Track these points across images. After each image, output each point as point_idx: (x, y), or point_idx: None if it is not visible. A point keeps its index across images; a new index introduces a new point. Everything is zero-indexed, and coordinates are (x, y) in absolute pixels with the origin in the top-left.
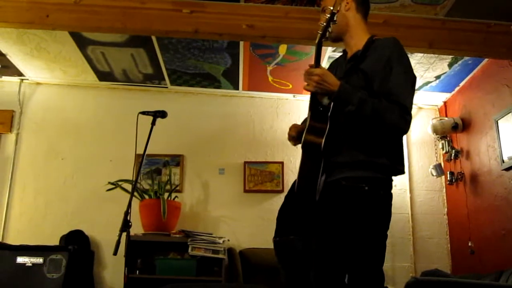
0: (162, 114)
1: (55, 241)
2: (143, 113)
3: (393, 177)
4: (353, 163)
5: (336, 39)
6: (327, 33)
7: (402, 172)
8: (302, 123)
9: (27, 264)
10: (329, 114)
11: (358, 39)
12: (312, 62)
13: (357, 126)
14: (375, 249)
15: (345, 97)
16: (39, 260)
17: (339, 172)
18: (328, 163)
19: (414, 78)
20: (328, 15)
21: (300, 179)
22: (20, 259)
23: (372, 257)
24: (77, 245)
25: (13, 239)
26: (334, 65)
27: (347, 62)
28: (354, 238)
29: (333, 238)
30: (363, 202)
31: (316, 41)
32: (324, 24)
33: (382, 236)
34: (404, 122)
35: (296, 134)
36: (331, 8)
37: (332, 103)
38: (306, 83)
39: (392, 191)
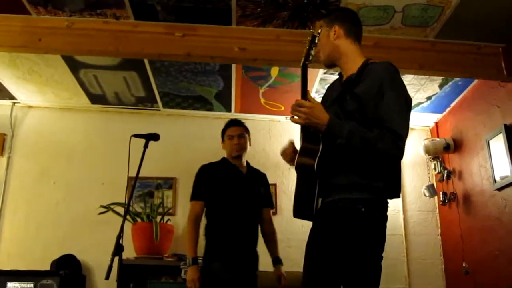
0: (155, 137)
1: (46, 266)
2: (136, 136)
3: (388, 200)
4: (350, 185)
5: (331, 66)
6: (311, 56)
7: (398, 195)
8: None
9: None
10: (321, 135)
11: (352, 63)
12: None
13: (351, 153)
14: (371, 270)
15: (334, 132)
16: (30, 285)
17: (335, 194)
18: (324, 185)
19: (408, 101)
20: (309, 38)
21: (296, 201)
22: (10, 284)
23: (368, 278)
24: (68, 269)
25: (3, 264)
26: (330, 90)
27: (342, 84)
28: (351, 259)
29: (329, 259)
30: (360, 223)
31: (301, 63)
32: (306, 47)
33: (378, 258)
34: (397, 149)
35: (293, 155)
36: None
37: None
38: (294, 116)
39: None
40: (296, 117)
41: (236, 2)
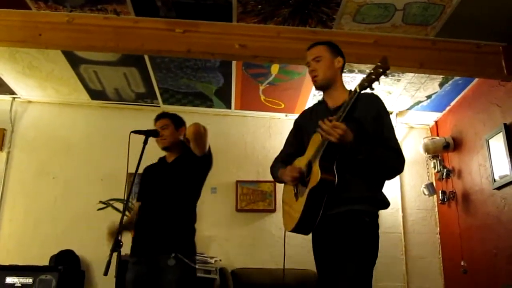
0: (154, 133)
1: (45, 261)
2: (135, 132)
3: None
4: (358, 198)
5: (322, 88)
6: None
7: (389, 205)
8: (282, 160)
9: (16, 285)
10: (337, 155)
11: (341, 91)
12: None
13: (364, 168)
14: (369, 275)
15: (358, 149)
16: (29, 280)
17: (342, 206)
18: (333, 198)
19: None
20: (381, 70)
21: (303, 217)
22: (9, 279)
23: (364, 280)
24: (67, 265)
25: (2, 259)
26: (309, 113)
27: (332, 111)
28: (356, 263)
29: (338, 264)
30: (366, 232)
31: (359, 90)
32: (374, 77)
33: (374, 263)
34: (401, 165)
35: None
36: (379, 63)
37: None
38: (327, 134)
39: (385, 211)
40: (331, 136)
41: None
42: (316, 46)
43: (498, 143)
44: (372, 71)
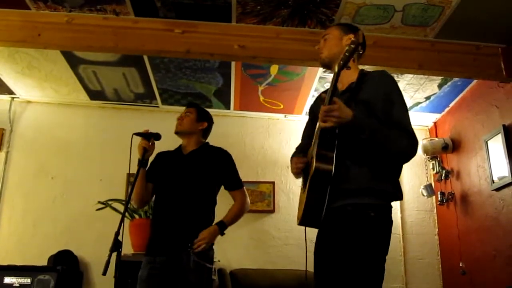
0: (156, 136)
1: (43, 261)
2: (138, 134)
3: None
4: (360, 190)
5: (327, 65)
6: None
7: (401, 198)
8: (299, 151)
9: (14, 285)
10: (336, 142)
11: (351, 72)
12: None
13: (367, 153)
14: (377, 273)
15: (359, 126)
16: (27, 280)
17: (344, 199)
18: (335, 190)
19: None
20: (353, 46)
21: (306, 209)
22: (7, 280)
23: (373, 281)
24: (65, 265)
25: (0, 259)
26: (319, 98)
27: (340, 93)
28: (359, 262)
29: (341, 263)
30: (370, 227)
31: (336, 69)
32: (347, 54)
33: (383, 260)
34: (412, 148)
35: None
36: (353, 38)
37: (338, 131)
38: (323, 121)
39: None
40: (327, 123)
41: None
42: (328, 28)
43: (497, 144)
44: (346, 48)
